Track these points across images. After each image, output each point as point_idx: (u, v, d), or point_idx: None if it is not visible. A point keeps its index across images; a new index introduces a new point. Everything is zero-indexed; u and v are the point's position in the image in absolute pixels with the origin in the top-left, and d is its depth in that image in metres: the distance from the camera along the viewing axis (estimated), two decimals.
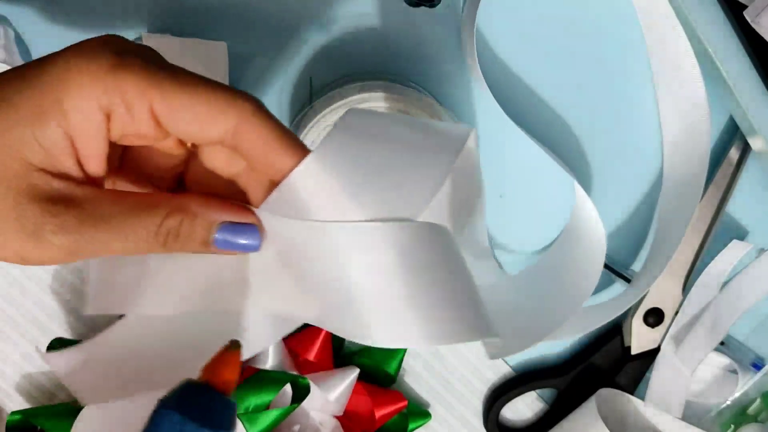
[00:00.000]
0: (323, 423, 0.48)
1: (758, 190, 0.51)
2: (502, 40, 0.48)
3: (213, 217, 0.32)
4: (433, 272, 0.32)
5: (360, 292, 0.31)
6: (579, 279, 0.46)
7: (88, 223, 0.30)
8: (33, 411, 0.48)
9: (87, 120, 0.29)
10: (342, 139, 0.32)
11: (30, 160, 0.29)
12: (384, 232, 0.31)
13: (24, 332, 0.50)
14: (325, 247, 0.32)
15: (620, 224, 0.51)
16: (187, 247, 0.32)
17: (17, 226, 0.30)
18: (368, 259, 0.31)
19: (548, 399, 0.54)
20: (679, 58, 0.47)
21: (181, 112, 0.30)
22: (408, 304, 0.31)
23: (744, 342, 0.53)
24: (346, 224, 0.31)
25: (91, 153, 0.31)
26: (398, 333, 0.31)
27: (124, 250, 0.31)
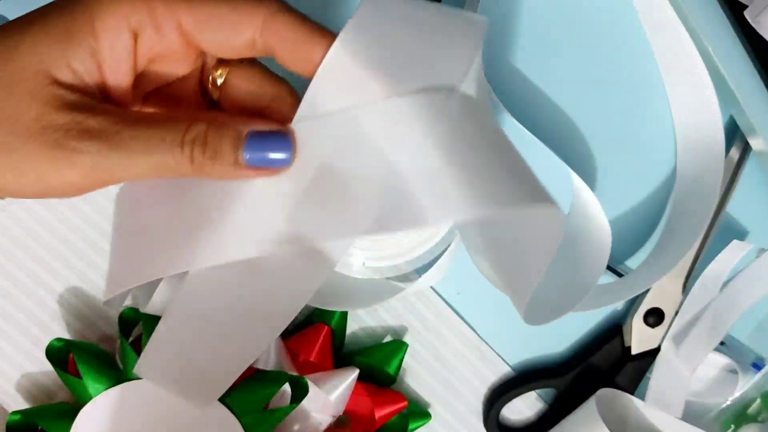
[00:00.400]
0: (324, 422, 0.48)
1: (758, 190, 0.51)
2: (504, 40, 0.48)
3: (241, 125, 0.30)
4: (483, 140, 0.30)
5: (409, 174, 0.29)
6: (591, 255, 0.46)
7: (114, 128, 0.29)
8: (33, 411, 0.48)
9: (116, 41, 0.29)
10: (366, 21, 0.31)
11: (57, 75, 0.29)
12: (432, 102, 0.29)
13: (25, 331, 0.50)
14: (363, 137, 0.30)
15: (626, 222, 0.51)
16: (217, 167, 0.30)
17: (42, 138, 0.29)
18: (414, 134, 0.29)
19: (548, 399, 0.54)
20: (684, 57, 0.47)
21: (209, 21, 0.30)
22: (464, 174, 0.29)
23: (744, 342, 0.53)
24: (390, 102, 0.29)
25: (116, 76, 0.30)
26: (457, 205, 0.29)
27: (149, 167, 0.29)
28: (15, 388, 0.51)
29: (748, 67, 0.45)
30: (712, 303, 0.50)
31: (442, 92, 0.30)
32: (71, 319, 0.50)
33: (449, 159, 0.29)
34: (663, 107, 0.49)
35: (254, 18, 0.30)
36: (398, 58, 0.30)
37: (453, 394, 0.53)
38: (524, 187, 0.31)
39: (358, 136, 0.30)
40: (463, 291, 0.52)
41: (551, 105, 0.49)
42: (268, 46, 0.31)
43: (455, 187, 0.29)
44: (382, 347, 0.51)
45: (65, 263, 0.50)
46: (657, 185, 0.51)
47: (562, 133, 0.49)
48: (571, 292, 0.46)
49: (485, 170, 0.30)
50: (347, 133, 0.30)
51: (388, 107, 0.30)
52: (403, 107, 0.30)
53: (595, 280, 0.46)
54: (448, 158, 0.29)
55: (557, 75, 0.49)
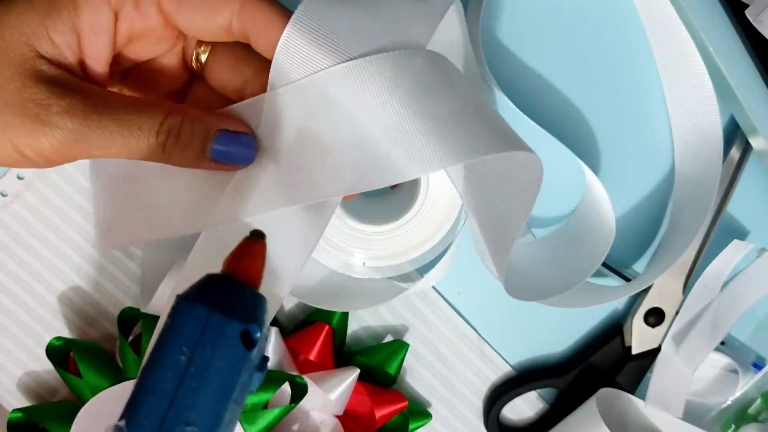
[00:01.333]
0: (324, 423, 0.48)
1: (759, 190, 0.51)
2: (506, 39, 0.48)
3: (211, 123, 0.32)
4: (451, 92, 0.31)
5: (380, 132, 0.30)
6: (592, 245, 0.47)
7: (94, 110, 0.30)
8: (34, 409, 0.48)
9: (96, 15, 0.30)
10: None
11: (38, 48, 0.30)
12: (394, 60, 0.30)
13: (27, 329, 0.50)
14: (331, 102, 0.31)
15: (626, 223, 0.51)
16: (185, 156, 0.32)
17: (22, 110, 0.29)
18: (380, 93, 0.30)
19: (549, 398, 0.54)
20: (683, 55, 0.47)
21: (188, 3, 0.31)
22: (433, 126, 0.30)
23: (745, 342, 0.53)
24: (352, 63, 0.30)
25: (95, 51, 0.31)
26: (430, 157, 0.30)
27: (125, 148, 0.30)
28: (16, 385, 0.51)
29: (749, 67, 0.45)
30: (713, 303, 0.50)
31: (405, 51, 0.31)
32: (73, 317, 0.51)
33: (418, 112, 0.30)
34: (662, 107, 0.49)
35: (230, 3, 0.31)
36: (359, 25, 0.31)
37: (454, 393, 0.53)
38: (496, 135, 0.31)
39: (327, 100, 0.31)
40: (464, 291, 0.52)
41: (550, 104, 0.49)
42: (243, 30, 0.32)
43: (427, 139, 0.30)
44: (383, 347, 0.51)
45: (67, 261, 0.50)
46: (657, 185, 0.51)
47: (561, 132, 0.49)
48: (564, 277, 0.46)
49: (455, 121, 0.30)
50: (316, 97, 0.31)
51: (350, 68, 0.30)
52: (366, 67, 0.30)
53: (589, 272, 0.46)
54: (417, 112, 0.30)
55: (556, 74, 0.49)
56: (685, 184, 0.49)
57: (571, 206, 0.51)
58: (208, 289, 0.26)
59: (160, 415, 0.24)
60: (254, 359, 0.26)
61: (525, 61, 0.49)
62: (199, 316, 0.25)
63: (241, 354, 0.25)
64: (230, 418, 0.25)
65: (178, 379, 0.25)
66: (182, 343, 0.25)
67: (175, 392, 0.24)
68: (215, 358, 0.25)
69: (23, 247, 0.49)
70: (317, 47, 0.31)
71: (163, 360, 0.25)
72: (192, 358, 0.25)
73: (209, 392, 0.25)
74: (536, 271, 0.47)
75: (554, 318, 0.52)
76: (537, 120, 0.47)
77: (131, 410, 0.25)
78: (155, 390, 0.25)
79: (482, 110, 0.32)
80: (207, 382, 0.25)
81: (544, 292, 0.45)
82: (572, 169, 0.49)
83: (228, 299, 0.26)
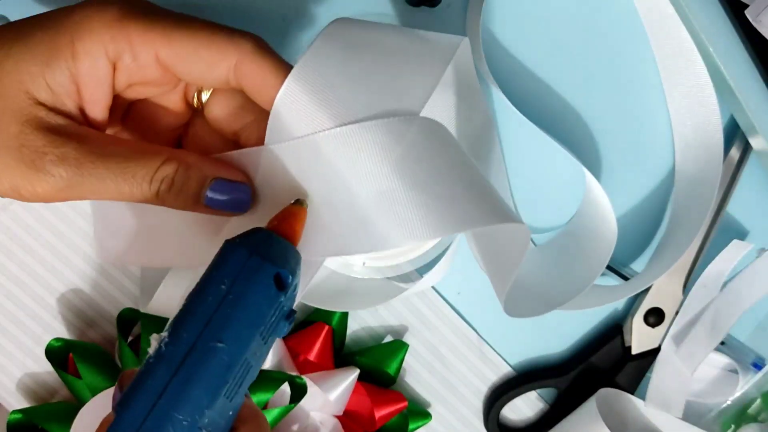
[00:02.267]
0: (323, 423, 0.48)
1: (759, 190, 0.50)
2: (506, 39, 0.48)
3: (208, 170, 0.32)
4: (443, 163, 0.31)
5: (370, 199, 0.31)
6: (594, 250, 0.47)
7: (88, 158, 0.30)
8: (33, 410, 0.48)
9: (94, 66, 0.31)
10: (324, 50, 0.32)
11: (36, 96, 0.30)
12: (388, 128, 0.31)
13: (27, 330, 0.50)
14: (323, 164, 0.31)
15: (627, 224, 0.51)
16: (179, 201, 0.32)
17: (18, 155, 0.30)
18: (373, 159, 0.30)
19: (549, 399, 0.54)
20: (683, 55, 0.47)
21: (186, 57, 0.31)
22: (423, 197, 0.30)
23: (744, 342, 0.53)
24: (347, 128, 0.31)
25: (94, 99, 0.31)
26: (418, 228, 0.30)
27: (118, 194, 0.31)
28: (16, 386, 0.51)
29: (749, 66, 0.45)
30: (713, 303, 0.50)
31: (399, 118, 0.31)
32: (72, 318, 0.51)
33: (408, 182, 0.30)
34: (663, 107, 0.49)
35: (228, 57, 0.31)
36: (353, 89, 0.31)
37: (453, 394, 0.53)
38: (485, 207, 0.32)
39: (320, 161, 0.31)
40: (464, 291, 0.52)
41: (550, 104, 0.49)
42: (240, 85, 0.32)
43: (415, 210, 0.30)
44: (383, 347, 0.50)
45: (66, 262, 0.50)
46: (657, 185, 0.51)
47: (561, 132, 0.49)
48: (566, 287, 0.46)
49: (445, 192, 0.31)
50: (309, 157, 0.31)
51: (344, 133, 0.31)
52: (359, 133, 0.31)
53: (592, 279, 0.46)
54: (407, 181, 0.30)
55: (556, 74, 0.49)
56: (685, 184, 0.49)
57: (570, 210, 0.50)
58: (252, 237, 0.30)
59: (198, 332, 0.28)
60: (284, 303, 0.30)
61: (525, 61, 0.49)
62: (241, 256, 0.29)
63: (273, 293, 0.29)
64: (255, 350, 0.29)
65: (217, 304, 0.28)
66: (224, 276, 0.29)
67: (212, 315, 0.28)
68: (250, 292, 0.29)
69: (23, 249, 0.49)
70: (313, 107, 0.31)
71: (205, 288, 0.29)
72: (231, 288, 0.29)
73: (241, 319, 0.29)
74: (537, 283, 0.47)
75: (554, 318, 0.52)
76: (537, 120, 0.47)
77: (174, 325, 0.29)
78: (195, 311, 0.29)
79: (473, 180, 0.32)
80: (240, 310, 0.29)
81: (545, 304, 0.45)
82: (572, 171, 0.49)
83: (267, 247, 0.30)
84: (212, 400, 0.28)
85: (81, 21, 0.30)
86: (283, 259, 0.30)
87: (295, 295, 0.31)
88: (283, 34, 0.48)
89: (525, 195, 0.50)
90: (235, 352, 0.28)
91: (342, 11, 0.48)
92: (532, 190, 0.50)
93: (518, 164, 0.50)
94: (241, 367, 0.29)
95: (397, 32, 0.36)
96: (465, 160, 0.33)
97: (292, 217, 0.31)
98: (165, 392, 0.27)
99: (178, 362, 0.28)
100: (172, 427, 0.27)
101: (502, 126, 0.49)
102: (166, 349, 0.28)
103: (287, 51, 0.48)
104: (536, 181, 0.50)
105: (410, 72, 0.33)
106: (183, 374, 0.28)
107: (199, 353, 0.28)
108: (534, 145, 0.49)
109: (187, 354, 0.28)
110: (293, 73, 0.32)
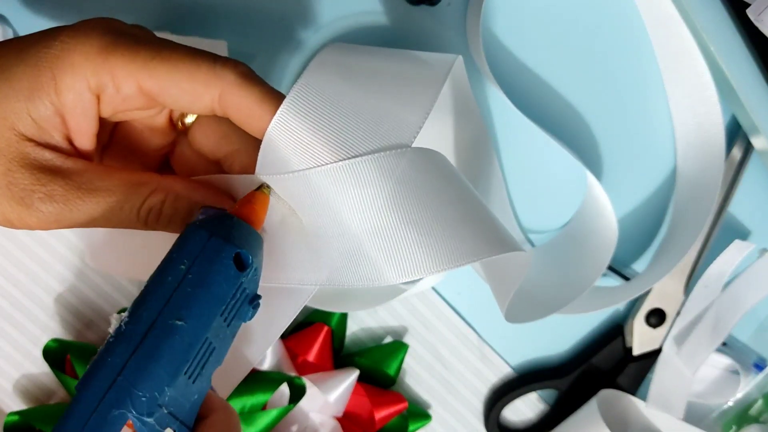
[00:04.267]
0: (323, 424, 0.48)
1: (760, 190, 0.50)
2: (507, 39, 0.48)
3: (196, 199, 0.33)
4: (436, 196, 0.31)
5: (363, 233, 0.31)
6: (595, 251, 0.46)
7: (75, 194, 0.31)
8: (30, 412, 0.48)
9: (78, 99, 0.31)
10: (315, 80, 0.32)
11: (22, 131, 0.31)
12: (379, 164, 0.30)
13: (24, 331, 0.50)
14: (317, 197, 0.31)
15: (628, 224, 0.51)
16: (168, 228, 0.33)
17: (8, 193, 0.31)
18: (364, 196, 0.30)
19: (549, 400, 0.53)
20: (685, 55, 0.47)
21: (168, 89, 0.31)
22: (415, 233, 0.30)
23: (746, 343, 0.53)
24: (337, 165, 0.30)
25: (80, 129, 0.32)
26: (411, 265, 0.31)
27: (106, 224, 0.32)
28: (13, 387, 0.51)
29: (750, 66, 0.45)
30: (714, 303, 0.49)
31: (389, 153, 0.31)
32: (70, 318, 0.50)
33: (400, 220, 0.30)
34: (664, 106, 0.49)
35: (211, 89, 0.31)
36: (345, 121, 0.31)
37: (453, 395, 0.53)
38: (481, 240, 0.31)
39: (311, 195, 0.31)
40: (464, 291, 0.52)
41: (551, 104, 0.49)
42: (225, 112, 0.32)
43: (408, 248, 0.30)
44: (383, 348, 0.50)
45: (64, 263, 0.50)
46: (658, 186, 0.50)
47: (562, 132, 0.49)
48: (566, 289, 0.46)
49: (438, 228, 0.31)
50: (300, 191, 0.31)
51: (333, 170, 0.30)
52: (348, 171, 0.30)
53: (593, 281, 0.46)
54: (398, 219, 0.30)
55: (557, 74, 0.49)
56: (686, 184, 0.49)
57: (570, 210, 0.50)
58: (213, 221, 0.31)
59: (157, 310, 0.29)
60: (245, 285, 0.30)
61: (526, 60, 0.48)
62: (201, 238, 0.30)
63: (233, 273, 0.30)
64: (217, 331, 0.30)
65: (177, 283, 0.29)
66: (184, 256, 0.30)
67: (172, 294, 0.29)
68: (210, 272, 0.29)
69: (20, 248, 0.49)
70: (307, 139, 0.31)
71: (166, 269, 0.30)
72: (190, 268, 0.29)
73: (201, 298, 0.29)
74: (537, 286, 0.47)
75: (555, 319, 0.51)
76: (538, 120, 0.47)
77: (134, 305, 0.29)
78: (155, 291, 0.29)
79: (468, 211, 0.32)
80: (200, 289, 0.29)
81: (546, 308, 0.45)
82: (572, 171, 0.49)
83: (228, 230, 0.30)
84: (173, 377, 0.28)
85: (61, 55, 0.30)
86: (243, 241, 0.30)
87: (257, 278, 0.31)
88: (282, 34, 0.48)
89: (525, 195, 0.50)
90: (196, 331, 0.29)
91: (342, 11, 0.47)
92: (532, 190, 0.50)
93: (518, 164, 0.50)
94: (203, 347, 0.29)
95: (389, 57, 0.35)
96: (461, 188, 0.32)
97: (253, 201, 0.32)
98: (124, 369, 0.28)
99: (138, 340, 0.28)
100: (131, 403, 0.27)
101: (503, 126, 0.49)
102: (126, 328, 0.28)
103: (286, 51, 0.48)
104: (536, 181, 0.50)
105: (403, 100, 0.32)
106: (142, 351, 0.28)
107: (159, 330, 0.28)
108: (534, 144, 0.49)
109: (147, 332, 0.28)
110: (286, 104, 0.31)
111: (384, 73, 0.33)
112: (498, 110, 0.49)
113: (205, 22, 0.47)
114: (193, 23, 0.47)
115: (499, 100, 0.48)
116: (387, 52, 0.37)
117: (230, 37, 0.47)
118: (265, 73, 0.48)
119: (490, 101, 0.49)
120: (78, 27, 0.31)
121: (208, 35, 0.47)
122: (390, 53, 0.36)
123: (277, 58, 0.48)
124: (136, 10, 0.47)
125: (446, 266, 0.31)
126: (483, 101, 0.49)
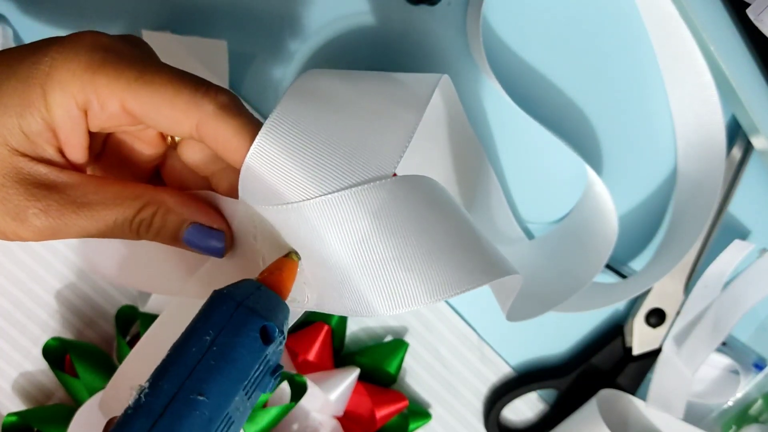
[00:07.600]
0: (323, 423, 0.48)
1: (760, 190, 0.50)
2: (507, 38, 0.48)
3: (186, 215, 0.33)
4: (419, 226, 0.31)
5: (347, 266, 0.30)
6: (594, 246, 0.46)
7: (69, 208, 0.32)
8: (29, 412, 0.48)
9: (67, 114, 0.31)
10: (292, 110, 0.32)
11: (15, 146, 0.31)
12: (353, 198, 0.30)
13: (24, 330, 0.50)
14: (299, 228, 0.31)
15: (628, 223, 0.51)
16: (158, 239, 0.33)
17: (2, 207, 0.31)
18: (343, 230, 0.30)
19: (549, 399, 0.53)
20: (685, 54, 0.47)
21: (149, 112, 0.31)
22: (398, 266, 0.30)
23: (746, 342, 0.53)
24: (309, 202, 0.30)
25: (71, 143, 0.32)
26: (398, 297, 0.30)
27: (99, 235, 0.33)
28: (12, 387, 0.51)
29: (751, 66, 0.45)
30: (714, 303, 0.49)
31: (366, 186, 0.30)
32: (70, 316, 0.50)
33: (381, 255, 0.30)
34: (664, 107, 0.49)
35: (189, 119, 0.31)
36: (323, 152, 0.31)
37: (453, 394, 0.53)
38: (466, 270, 0.31)
39: (293, 225, 0.31)
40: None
41: (552, 103, 0.49)
42: (203, 141, 0.32)
43: (392, 282, 0.30)
44: (383, 347, 0.50)
45: (64, 261, 0.49)
46: (658, 185, 0.50)
47: (563, 131, 0.49)
48: (564, 284, 0.46)
49: (419, 262, 0.30)
50: (285, 221, 0.31)
51: (309, 207, 0.30)
52: (324, 207, 0.30)
53: (592, 276, 0.46)
54: (380, 255, 0.30)
55: (558, 74, 0.49)
56: (687, 184, 0.49)
57: (571, 206, 0.50)
58: (240, 289, 0.30)
59: (179, 383, 0.28)
60: (270, 357, 0.29)
61: (526, 59, 0.48)
62: (228, 307, 0.29)
63: (258, 346, 0.29)
64: (238, 405, 0.28)
65: (201, 355, 0.28)
66: (209, 326, 0.29)
67: (195, 366, 0.28)
68: (235, 345, 0.28)
69: (20, 247, 0.49)
70: (285, 169, 0.31)
71: (190, 338, 0.29)
72: (215, 339, 0.28)
73: (225, 372, 0.28)
74: (534, 281, 0.47)
75: (554, 319, 0.52)
76: (539, 119, 0.47)
77: (155, 375, 0.28)
78: (178, 362, 0.28)
79: (453, 239, 0.31)
80: (224, 363, 0.28)
81: (544, 304, 0.45)
82: (573, 167, 0.49)
83: (255, 300, 0.29)
84: None
85: (51, 72, 0.31)
86: (270, 312, 0.29)
87: (281, 350, 0.30)
88: (282, 33, 0.48)
89: (525, 195, 0.50)
90: (217, 406, 0.28)
91: (341, 11, 0.47)
92: (532, 189, 0.50)
93: (518, 163, 0.50)
94: (222, 422, 0.28)
95: (370, 81, 0.35)
96: (449, 215, 0.32)
97: (282, 269, 0.31)
98: None
99: (158, 414, 0.27)
100: None
101: (503, 125, 0.49)
102: (145, 400, 0.27)
103: (286, 51, 0.48)
104: (537, 179, 0.50)
105: (382, 129, 0.32)
106: (162, 427, 0.27)
107: (180, 405, 0.27)
108: (535, 144, 0.49)
109: (167, 406, 0.27)
110: (263, 134, 0.31)
111: (363, 101, 0.33)
112: (498, 110, 0.49)
113: (205, 22, 0.47)
114: (193, 23, 0.47)
115: (499, 99, 0.48)
116: (368, 75, 0.36)
117: (230, 36, 0.47)
118: (265, 73, 0.48)
119: (491, 101, 0.49)
120: (67, 42, 0.31)
121: (208, 35, 0.47)
122: (371, 76, 0.36)
123: (277, 58, 0.48)
124: (137, 10, 0.47)
125: (432, 298, 0.30)
126: (484, 101, 0.49)
